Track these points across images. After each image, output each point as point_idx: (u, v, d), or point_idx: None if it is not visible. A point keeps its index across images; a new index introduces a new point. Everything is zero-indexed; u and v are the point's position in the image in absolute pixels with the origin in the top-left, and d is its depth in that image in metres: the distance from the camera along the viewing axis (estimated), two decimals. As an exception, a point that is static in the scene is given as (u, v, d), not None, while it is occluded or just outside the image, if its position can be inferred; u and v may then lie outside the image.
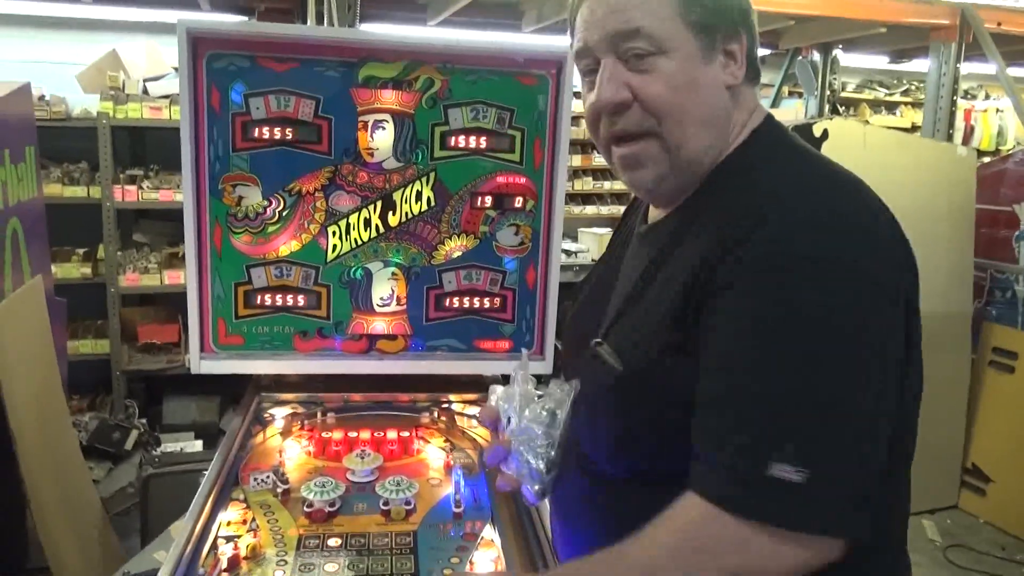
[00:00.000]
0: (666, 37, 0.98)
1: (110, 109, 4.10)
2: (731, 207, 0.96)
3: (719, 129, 1.04)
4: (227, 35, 1.78)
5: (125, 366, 4.27)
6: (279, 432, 1.81)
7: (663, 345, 0.97)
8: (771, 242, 0.89)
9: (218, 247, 1.86)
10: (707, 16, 1.00)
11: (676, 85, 0.99)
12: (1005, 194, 3.86)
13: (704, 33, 1.00)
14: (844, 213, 0.92)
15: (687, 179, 1.06)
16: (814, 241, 0.89)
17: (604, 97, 1.01)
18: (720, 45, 1.02)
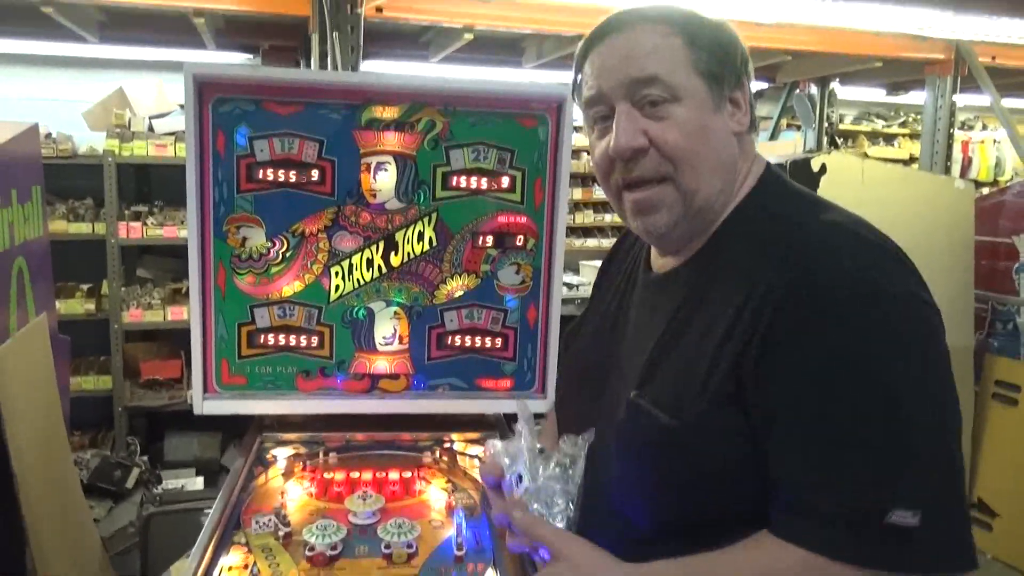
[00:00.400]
0: (680, 85, 1.01)
1: (116, 147, 4.15)
2: (765, 262, 0.97)
3: (728, 175, 1.07)
4: (232, 80, 1.82)
5: (127, 402, 4.27)
6: (281, 473, 1.81)
7: (713, 396, 0.96)
8: (830, 288, 0.91)
9: (222, 288, 1.88)
10: (715, 65, 1.03)
11: (690, 132, 1.02)
12: (1004, 226, 3.88)
13: (713, 82, 1.03)
14: (883, 253, 0.96)
15: (698, 224, 1.08)
16: (871, 282, 0.91)
17: (622, 143, 1.03)
18: (727, 93, 1.05)
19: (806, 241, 0.96)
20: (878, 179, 3.23)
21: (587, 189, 5.59)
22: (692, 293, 1.05)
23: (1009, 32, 4.21)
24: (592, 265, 5.39)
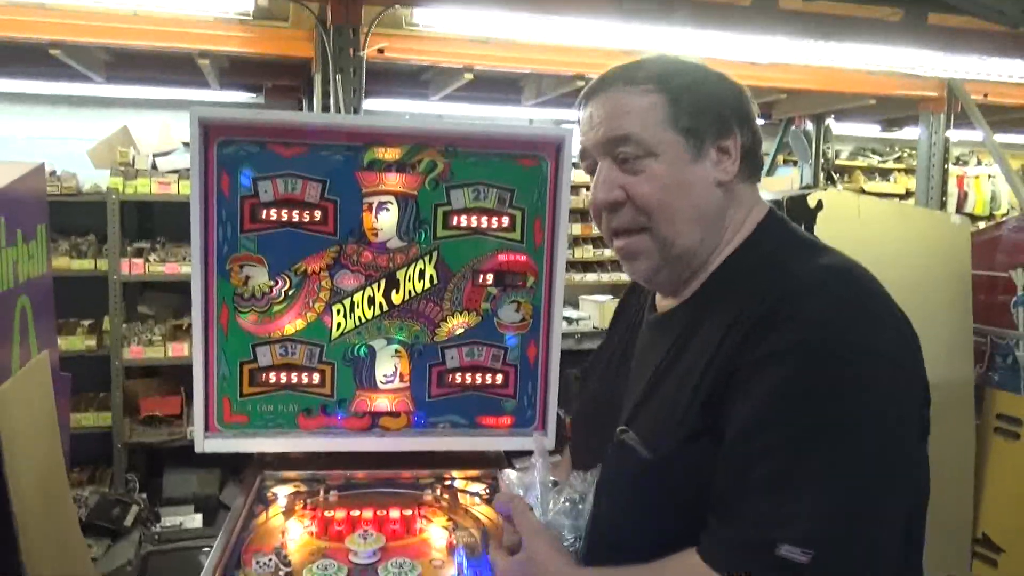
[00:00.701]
0: (655, 142, 1.06)
1: (119, 185, 4.20)
2: (750, 299, 0.99)
3: (710, 225, 1.09)
4: (237, 122, 1.85)
5: (127, 439, 4.26)
6: (282, 511, 1.80)
7: (689, 430, 0.99)
8: (797, 331, 0.92)
9: (224, 327, 1.89)
10: (695, 120, 1.07)
11: (665, 185, 1.06)
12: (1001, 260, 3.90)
13: (693, 136, 1.07)
14: (867, 304, 0.97)
15: (682, 270, 1.12)
16: (841, 330, 0.92)
17: (599, 197, 1.11)
18: (711, 144, 1.08)
19: (786, 283, 0.98)
20: (874, 215, 3.26)
21: (586, 224, 5.63)
22: (684, 332, 1.08)
23: (1000, 71, 4.28)
24: (592, 300, 5.41)
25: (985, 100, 4.49)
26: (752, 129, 1.10)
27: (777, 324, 0.93)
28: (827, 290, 0.96)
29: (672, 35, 3.53)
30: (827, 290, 0.96)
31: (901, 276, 3.32)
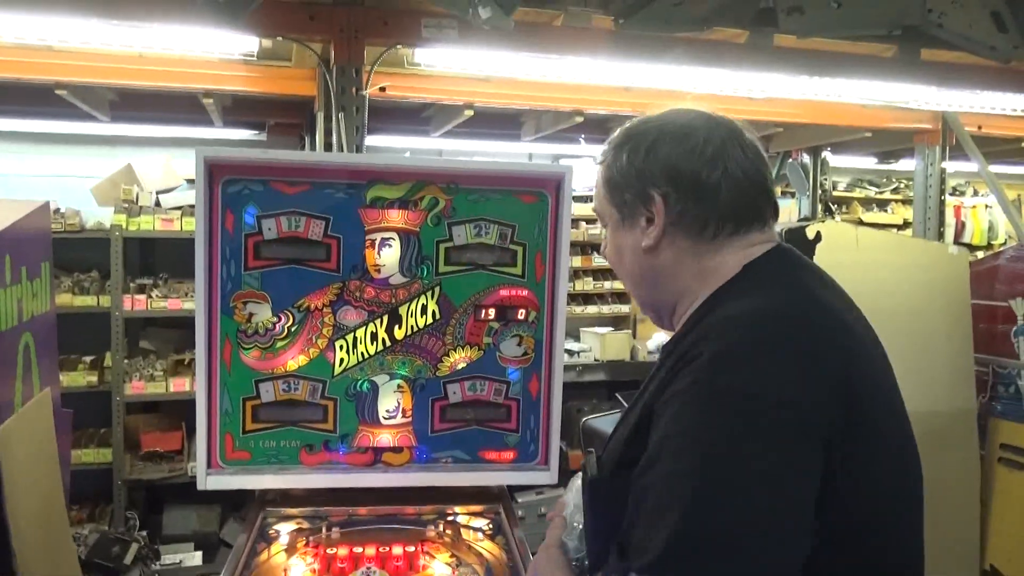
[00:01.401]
0: (601, 212, 1.21)
1: (123, 221, 4.23)
2: (689, 340, 1.03)
3: (653, 283, 1.15)
4: (242, 162, 1.88)
5: (127, 475, 4.24)
6: (284, 549, 1.80)
7: (620, 459, 1.05)
8: (693, 372, 0.95)
9: (228, 363, 1.90)
10: (619, 193, 1.14)
11: (610, 250, 1.21)
12: (1000, 289, 3.91)
13: (619, 206, 1.15)
14: (761, 347, 0.95)
15: (656, 316, 1.21)
16: (733, 374, 0.93)
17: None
18: (640, 211, 1.12)
19: (708, 326, 1.01)
20: (873, 246, 3.28)
21: (587, 257, 5.66)
22: (655, 368, 1.11)
23: (993, 103, 4.34)
24: (593, 332, 5.41)
25: (979, 132, 4.54)
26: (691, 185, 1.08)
27: (687, 365, 0.97)
28: (727, 334, 0.97)
29: (669, 72, 3.59)
30: (727, 334, 0.97)
31: (901, 306, 3.34)
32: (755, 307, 1.01)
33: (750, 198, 1.10)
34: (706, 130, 1.11)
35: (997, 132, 4.75)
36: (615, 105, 4.14)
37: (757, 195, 1.11)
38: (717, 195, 1.08)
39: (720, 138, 1.10)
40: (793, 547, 0.90)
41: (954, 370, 3.47)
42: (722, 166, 1.08)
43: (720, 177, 1.08)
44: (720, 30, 3.17)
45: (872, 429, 0.98)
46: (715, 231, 1.09)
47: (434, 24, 2.82)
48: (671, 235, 1.10)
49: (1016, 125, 4.78)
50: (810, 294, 1.06)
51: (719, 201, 1.08)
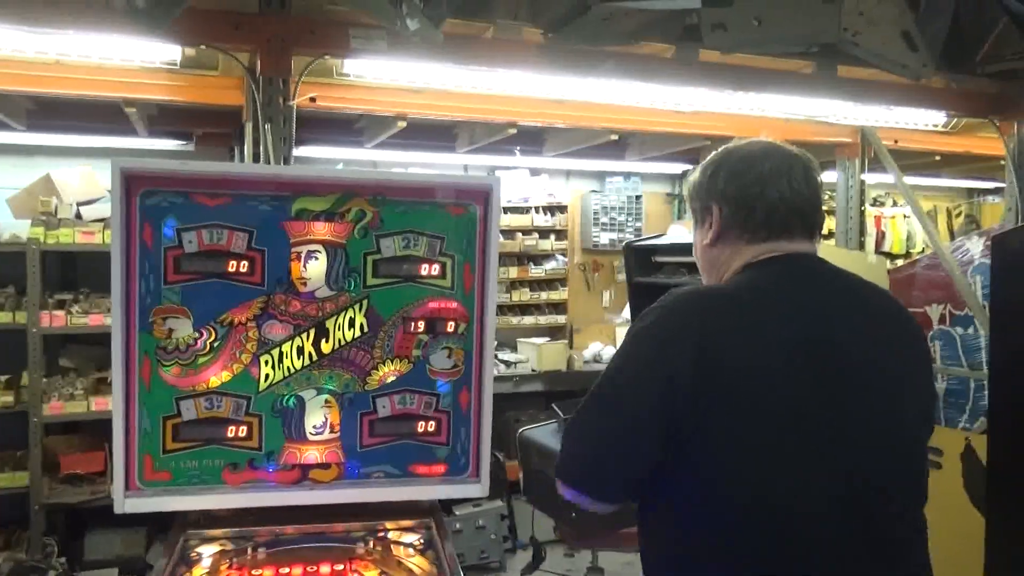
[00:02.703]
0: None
1: (41, 234, 4.06)
2: None
3: (708, 270, 1.52)
4: (160, 173, 1.83)
5: (45, 499, 4.05)
6: (206, 572, 1.75)
7: None
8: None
9: (146, 381, 1.84)
10: (694, 202, 1.52)
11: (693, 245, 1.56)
12: (917, 296, 4.08)
13: (696, 212, 1.52)
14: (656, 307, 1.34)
15: None
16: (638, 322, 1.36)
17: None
18: (703, 218, 1.49)
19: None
20: (796, 255, 3.38)
21: (523, 268, 5.69)
22: None
23: (907, 118, 4.54)
24: (530, 342, 5.43)
25: (896, 145, 4.74)
26: (738, 205, 1.42)
27: None
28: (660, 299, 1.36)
29: (600, 86, 3.65)
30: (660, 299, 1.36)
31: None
32: (687, 288, 1.39)
33: (782, 216, 1.40)
34: (760, 162, 1.42)
35: (912, 146, 4.98)
36: (548, 117, 4.18)
37: (789, 215, 1.40)
38: (753, 213, 1.40)
39: (768, 169, 1.41)
40: (641, 449, 1.28)
41: (875, 374, 3.60)
42: (760, 192, 1.40)
43: (756, 200, 1.40)
44: (648, 45, 3.23)
45: (730, 390, 1.23)
46: (750, 238, 1.42)
47: (362, 35, 2.80)
48: (724, 237, 1.45)
49: (930, 139, 5.02)
50: (750, 291, 1.35)
51: (755, 218, 1.40)
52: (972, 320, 3.70)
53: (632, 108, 4.08)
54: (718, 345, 1.24)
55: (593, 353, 5.61)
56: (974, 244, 3.84)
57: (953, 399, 3.85)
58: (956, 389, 3.83)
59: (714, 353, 1.23)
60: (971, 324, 3.74)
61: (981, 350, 3.70)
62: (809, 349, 1.27)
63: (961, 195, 8.26)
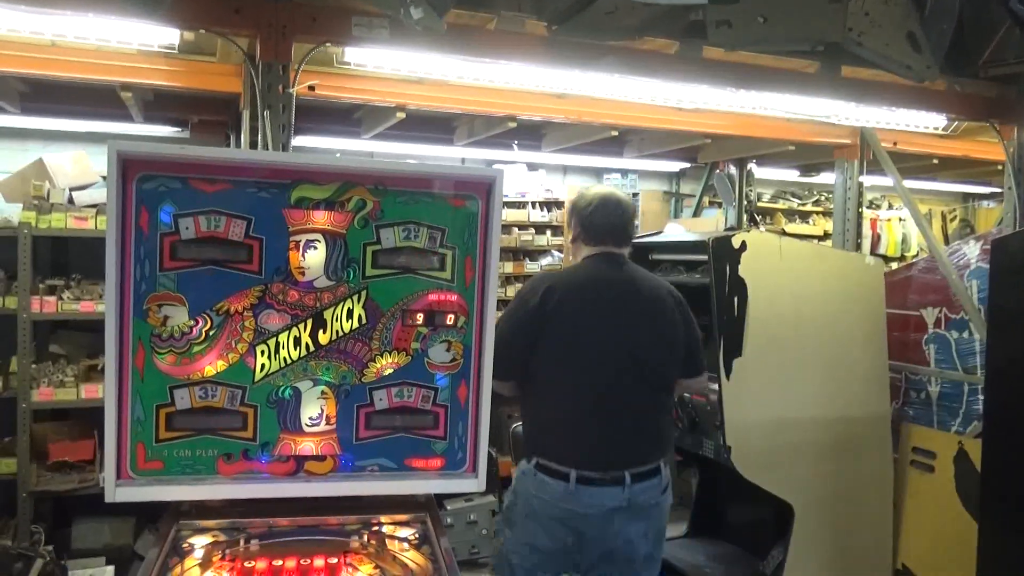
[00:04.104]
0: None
1: (32, 219, 4.01)
2: None
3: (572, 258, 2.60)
4: (158, 157, 1.80)
5: (33, 487, 4.00)
6: (198, 563, 1.72)
7: None
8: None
9: (140, 369, 1.81)
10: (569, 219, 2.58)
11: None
12: (912, 299, 4.09)
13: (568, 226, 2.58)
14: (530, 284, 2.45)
15: None
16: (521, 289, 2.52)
17: None
18: (571, 229, 2.52)
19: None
20: (795, 255, 3.37)
21: (519, 263, 5.67)
22: None
23: (907, 120, 4.53)
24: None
25: (895, 148, 4.73)
26: (581, 222, 2.46)
27: None
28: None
29: (601, 81, 3.63)
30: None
31: (820, 313, 3.44)
32: (550, 270, 2.27)
33: (603, 232, 2.43)
34: (594, 200, 2.44)
35: (911, 149, 4.97)
36: (548, 111, 4.15)
37: (605, 231, 2.43)
38: (590, 229, 2.45)
39: (597, 204, 2.43)
40: (515, 351, 2.27)
41: (869, 376, 3.59)
42: (591, 218, 2.43)
43: (589, 222, 2.44)
44: (651, 40, 3.21)
45: (558, 322, 2.30)
46: (587, 242, 2.47)
47: (364, 23, 2.76)
48: (576, 240, 2.51)
49: (929, 142, 5.02)
50: (577, 271, 2.47)
51: (589, 232, 2.45)
52: (967, 324, 3.70)
53: (633, 104, 4.06)
54: (553, 296, 2.30)
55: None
56: (971, 248, 3.83)
57: (947, 403, 3.85)
58: (950, 393, 3.83)
59: (550, 300, 2.29)
60: (966, 328, 3.74)
61: (976, 354, 3.70)
62: (603, 300, 2.35)
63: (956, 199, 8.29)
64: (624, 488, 2.25)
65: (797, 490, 3.26)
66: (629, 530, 2.30)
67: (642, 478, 2.29)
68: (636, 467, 2.28)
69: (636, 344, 2.33)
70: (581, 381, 2.29)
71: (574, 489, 2.23)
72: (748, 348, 3.12)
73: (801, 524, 3.27)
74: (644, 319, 2.36)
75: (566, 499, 2.24)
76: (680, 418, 3.43)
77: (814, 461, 3.35)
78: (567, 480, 2.23)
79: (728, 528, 3.88)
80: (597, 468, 2.24)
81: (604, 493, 2.25)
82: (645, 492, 2.30)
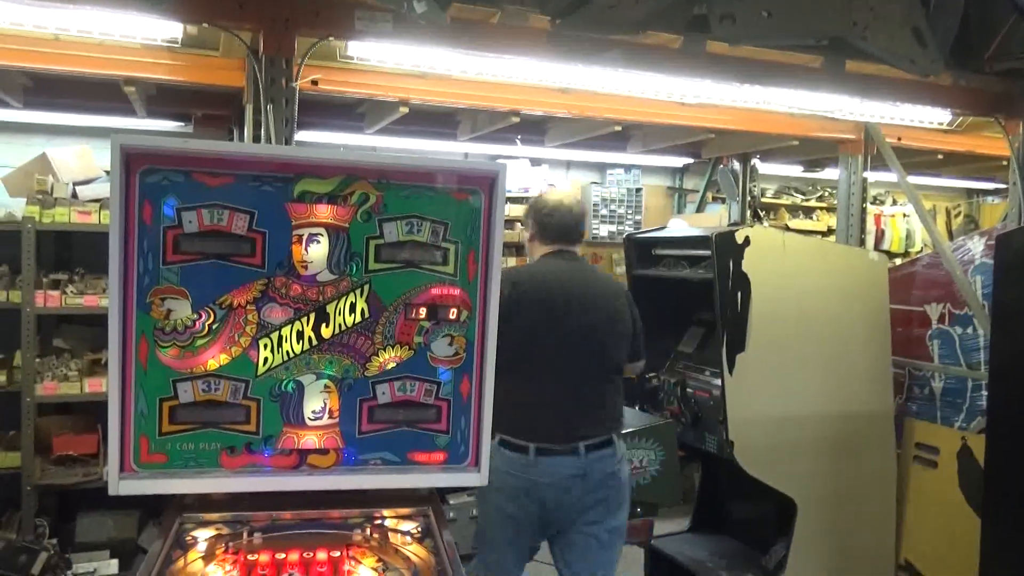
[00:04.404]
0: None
1: (36, 213, 4.02)
2: None
3: (530, 255, 2.86)
4: (161, 151, 1.79)
5: (37, 480, 4.02)
6: (201, 556, 1.73)
7: None
8: None
9: (143, 362, 1.81)
10: (525, 219, 2.90)
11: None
12: (916, 295, 4.08)
13: (526, 225, 2.88)
14: (504, 277, 2.18)
15: None
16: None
17: None
18: (528, 228, 2.81)
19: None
20: (799, 251, 3.37)
21: (521, 258, 5.66)
22: None
23: (912, 116, 4.52)
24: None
25: (899, 143, 4.72)
26: (536, 222, 2.75)
27: None
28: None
29: (605, 75, 3.62)
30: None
31: (824, 309, 3.43)
32: (517, 268, 2.80)
33: (558, 232, 2.71)
34: (551, 203, 2.72)
35: (916, 144, 4.96)
36: (552, 106, 4.15)
37: (560, 231, 2.71)
38: (546, 228, 2.72)
39: (554, 207, 2.70)
40: (506, 342, 2.04)
41: (873, 372, 3.59)
42: (548, 219, 2.71)
43: (546, 223, 2.71)
44: (655, 35, 3.20)
45: (522, 311, 2.52)
46: (543, 241, 2.74)
47: (367, 16, 2.76)
48: (533, 239, 2.78)
49: (933, 137, 5.00)
50: (537, 266, 2.71)
51: (546, 231, 2.72)
52: (971, 320, 3.69)
53: (636, 99, 4.05)
54: (519, 286, 2.56)
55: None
56: (975, 244, 3.83)
57: (950, 399, 3.85)
58: (953, 388, 3.83)
59: (518, 288, 2.55)
60: (970, 324, 3.74)
61: (979, 350, 3.70)
62: (562, 290, 2.60)
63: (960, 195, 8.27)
64: (579, 457, 2.52)
65: (800, 485, 3.26)
66: (587, 499, 2.55)
67: (596, 448, 2.55)
68: (590, 439, 2.55)
69: (591, 330, 2.60)
70: (541, 364, 2.55)
71: (534, 460, 2.50)
72: (751, 344, 3.12)
73: (804, 519, 3.27)
74: (597, 307, 2.64)
75: (527, 469, 2.51)
76: (683, 414, 3.43)
77: (817, 456, 3.36)
78: (527, 452, 2.51)
79: (731, 523, 3.89)
80: (554, 440, 2.51)
81: (561, 462, 2.51)
82: (600, 461, 2.56)
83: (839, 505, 3.44)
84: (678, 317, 3.77)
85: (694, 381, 3.49)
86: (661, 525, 3.52)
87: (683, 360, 3.71)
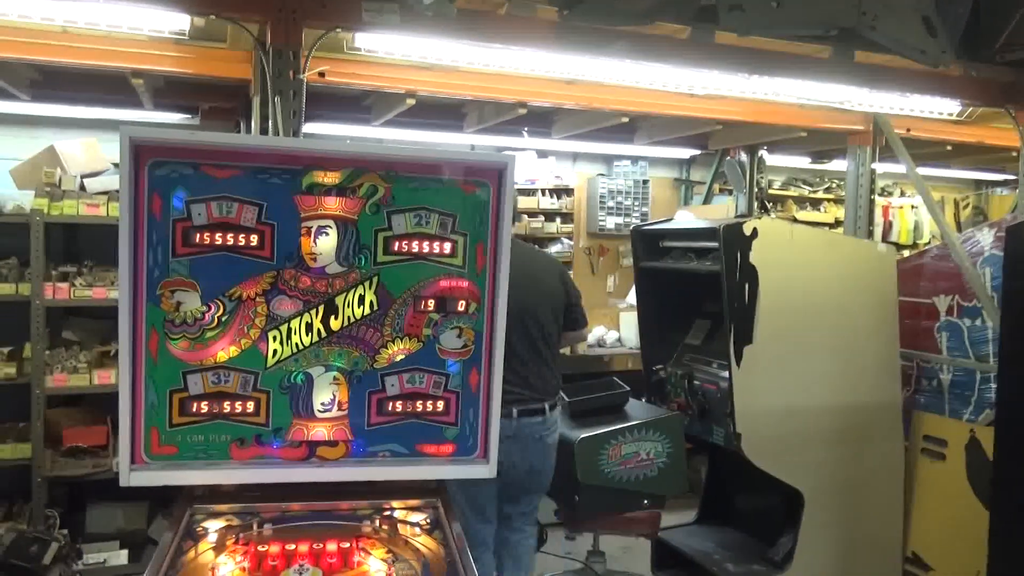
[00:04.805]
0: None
1: (44, 205, 4.03)
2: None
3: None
4: (170, 143, 1.80)
5: (47, 472, 4.05)
6: (212, 547, 1.74)
7: None
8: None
9: (153, 354, 1.82)
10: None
11: None
12: (924, 287, 4.06)
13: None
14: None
15: None
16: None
17: None
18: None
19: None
20: (806, 242, 3.36)
21: (528, 250, 5.65)
22: None
23: (921, 106, 4.49)
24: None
25: (908, 134, 4.69)
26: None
27: None
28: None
29: (612, 67, 3.61)
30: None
31: (832, 301, 3.42)
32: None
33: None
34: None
35: (924, 135, 4.93)
36: (559, 98, 4.14)
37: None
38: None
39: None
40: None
41: (880, 364, 3.58)
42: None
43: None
44: (662, 25, 3.19)
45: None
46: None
47: (375, 8, 2.75)
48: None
49: (942, 128, 4.97)
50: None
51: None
52: (980, 312, 3.68)
53: (644, 90, 4.03)
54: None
55: (597, 337, 5.59)
56: (984, 236, 3.80)
57: (958, 391, 3.84)
58: (962, 381, 3.82)
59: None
60: (979, 315, 3.72)
61: (988, 342, 3.68)
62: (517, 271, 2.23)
63: (969, 186, 8.22)
64: (512, 421, 2.83)
65: (807, 477, 3.26)
66: (514, 456, 2.87)
67: (528, 415, 2.89)
68: (522, 405, 2.86)
69: (532, 304, 2.87)
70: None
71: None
72: (759, 336, 3.11)
73: (811, 511, 3.27)
74: (536, 284, 2.90)
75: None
76: (690, 406, 3.43)
77: (824, 449, 3.35)
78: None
79: (737, 515, 3.89)
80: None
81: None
82: (530, 427, 2.90)
83: (846, 497, 3.44)
84: (685, 309, 3.77)
85: (701, 373, 3.49)
86: (668, 517, 3.52)
87: (690, 352, 3.70)
